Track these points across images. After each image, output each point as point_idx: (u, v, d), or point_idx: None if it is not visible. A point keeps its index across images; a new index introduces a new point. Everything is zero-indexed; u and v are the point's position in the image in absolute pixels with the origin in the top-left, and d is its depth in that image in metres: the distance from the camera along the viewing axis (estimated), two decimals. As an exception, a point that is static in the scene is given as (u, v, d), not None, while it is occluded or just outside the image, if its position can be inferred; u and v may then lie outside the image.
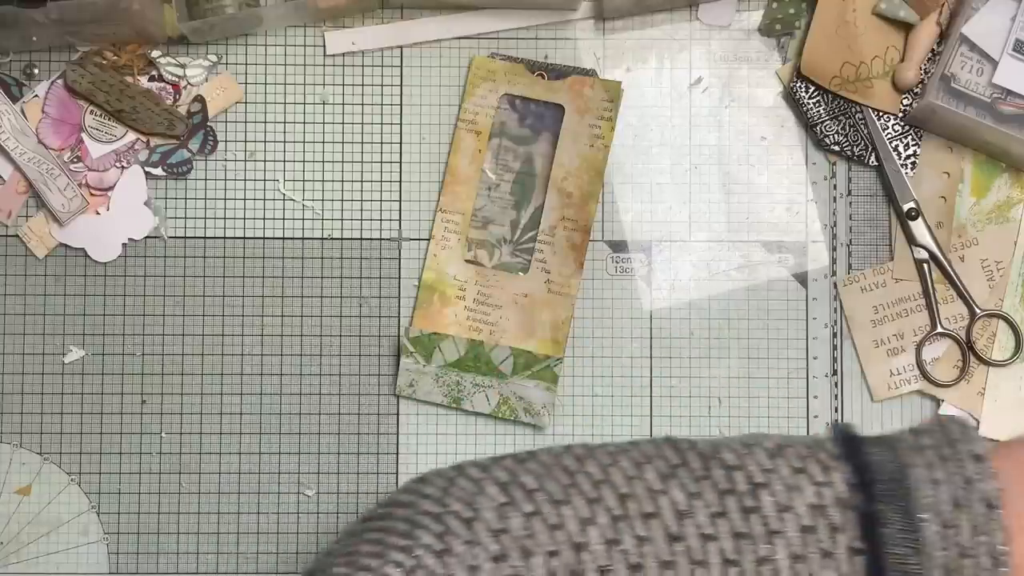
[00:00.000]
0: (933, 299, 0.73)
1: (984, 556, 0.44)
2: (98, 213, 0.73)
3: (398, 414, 0.74)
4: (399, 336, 0.74)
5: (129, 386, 0.73)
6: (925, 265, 0.74)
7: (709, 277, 0.74)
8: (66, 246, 0.74)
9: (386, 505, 0.49)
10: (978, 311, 0.73)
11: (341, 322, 0.74)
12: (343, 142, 0.75)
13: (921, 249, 0.74)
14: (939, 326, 0.73)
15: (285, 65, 0.75)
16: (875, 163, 0.74)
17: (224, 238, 0.74)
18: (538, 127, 0.74)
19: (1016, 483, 0.45)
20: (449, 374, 0.73)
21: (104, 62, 0.73)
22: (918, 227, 0.74)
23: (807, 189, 0.75)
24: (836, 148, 0.74)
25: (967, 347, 0.73)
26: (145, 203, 0.74)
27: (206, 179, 0.74)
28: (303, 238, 0.74)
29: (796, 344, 0.74)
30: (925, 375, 0.73)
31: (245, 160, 0.74)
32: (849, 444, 0.47)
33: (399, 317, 0.74)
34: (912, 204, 0.74)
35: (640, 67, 0.75)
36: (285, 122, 0.75)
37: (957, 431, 0.47)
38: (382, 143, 0.75)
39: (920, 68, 0.73)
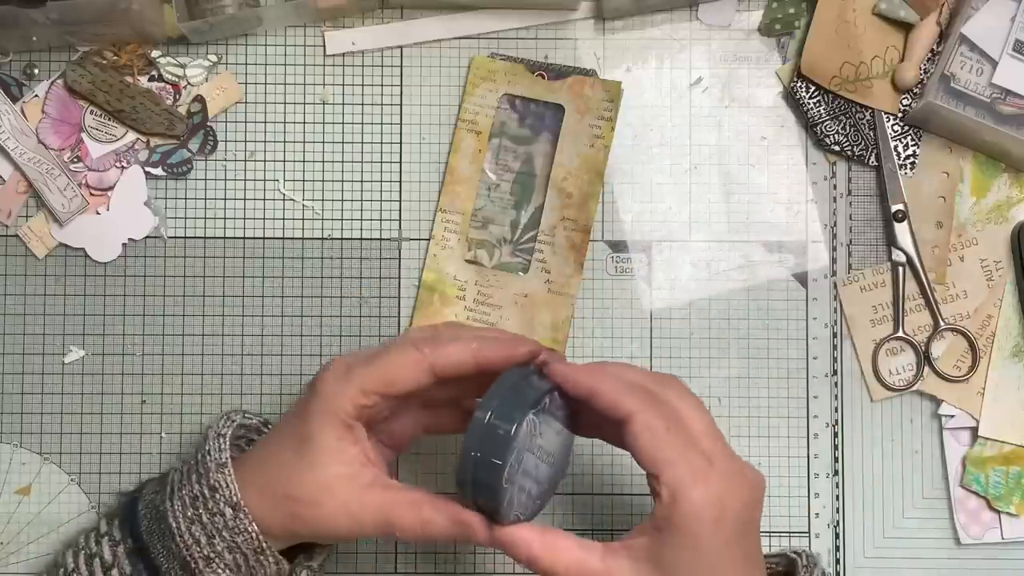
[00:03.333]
0: (901, 303, 0.74)
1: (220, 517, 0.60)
2: (98, 213, 0.73)
3: (398, 414, 0.74)
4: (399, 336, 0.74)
5: (129, 386, 0.73)
6: (901, 268, 0.74)
7: (709, 277, 0.74)
8: (66, 246, 0.73)
9: None
10: (941, 323, 0.73)
11: (341, 322, 0.74)
12: (343, 142, 0.75)
13: (900, 252, 0.74)
14: (901, 331, 0.73)
15: (285, 65, 0.75)
16: (875, 163, 0.74)
17: (224, 238, 0.74)
18: (538, 127, 0.74)
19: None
20: (449, 374, 0.73)
21: (104, 62, 0.73)
22: (902, 230, 0.74)
23: (807, 189, 0.75)
24: (836, 148, 0.74)
25: (923, 356, 0.73)
26: (145, 203, 0.74)
27: (206, 179, 0.74)
28: (303, 238, 0.74)
29: (796, 344, 0.74)
30: (876, 372, 0.73)
31: (245, 160, 0.74)
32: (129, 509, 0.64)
33: (399, 317, 0.74)
34: (900, 206, 0.74)
35: (640, 67, 0.75)
36: (285, 122, 0.75)
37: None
38: (382, 143, 0.75)
39: (920, 68, 0.73)
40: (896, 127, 0.74)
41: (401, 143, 0.75)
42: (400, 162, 0.75)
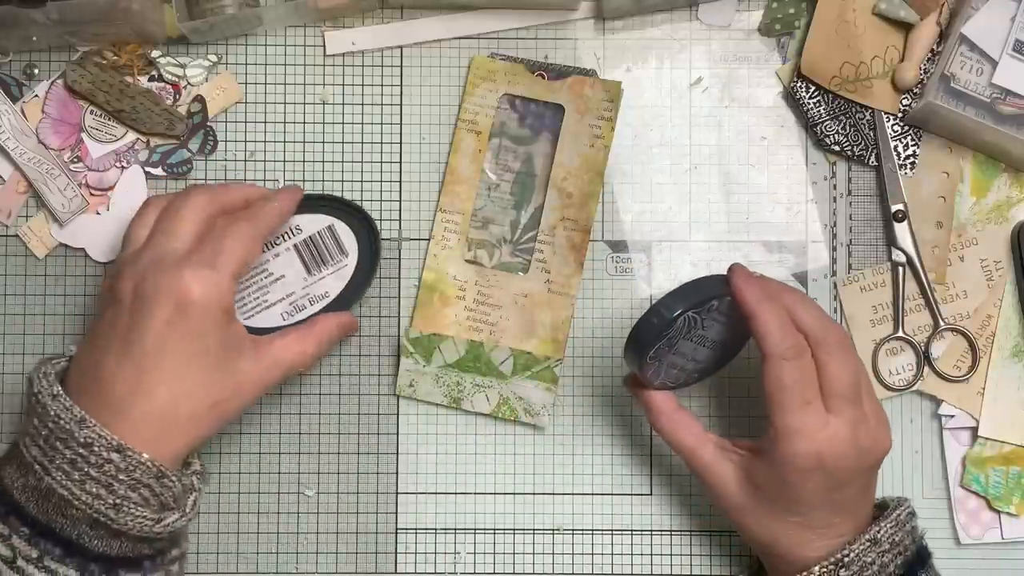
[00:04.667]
0: (901, 303, 0.74)
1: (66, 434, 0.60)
2: (98, 213, 0.73)
3: (398, 414, 0.74)
4: (399, 336, 0.74)
5: (129, 386, 0.73)
6: (901, 268, 0.74)
7: (709, 277, 0.74)
8: (66, 246, 0.73)
9: None
10: (941, 323, 0.73)
11: (341, 322, 0.74)
12: (343, 142, 0.75)
13: (900, 252, 0.74)
14: (901, 331, 0.73)
15: (285, 65, 0.75)
16: (875, 163, 0.74)
17: (224, 238, 0.74)
18: (538, 127, 0.74)
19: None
20: (449, 374, 0.73)
21: (104, 62, 0.73)
22: (902, 230, 0.74)
23: (807, 189, 0.75)
24: (836, 148, 0.74)
25: (923, 356, 0.73)
26: (145, 203, 0.74)
27: (206, 179, 0.74)
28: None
29: (796, 344, 0.74)
30: (876, 372, 0.73)
31: (245, 160, 0.74)
32: None
33: (399, 317, 0.74)
34: (900, 207, 0.74)
35: (640, 67, 0.75)
36: (285, 122, 0.75)
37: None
38: (382, 143, 0.75)
39: (920, 68, 0.73)
40: (896, 127, 0.74)
41: (401, 143, 0.75)
42: (400, 162, 0.75)
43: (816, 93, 0.74)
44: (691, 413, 0.68)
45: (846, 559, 0.62)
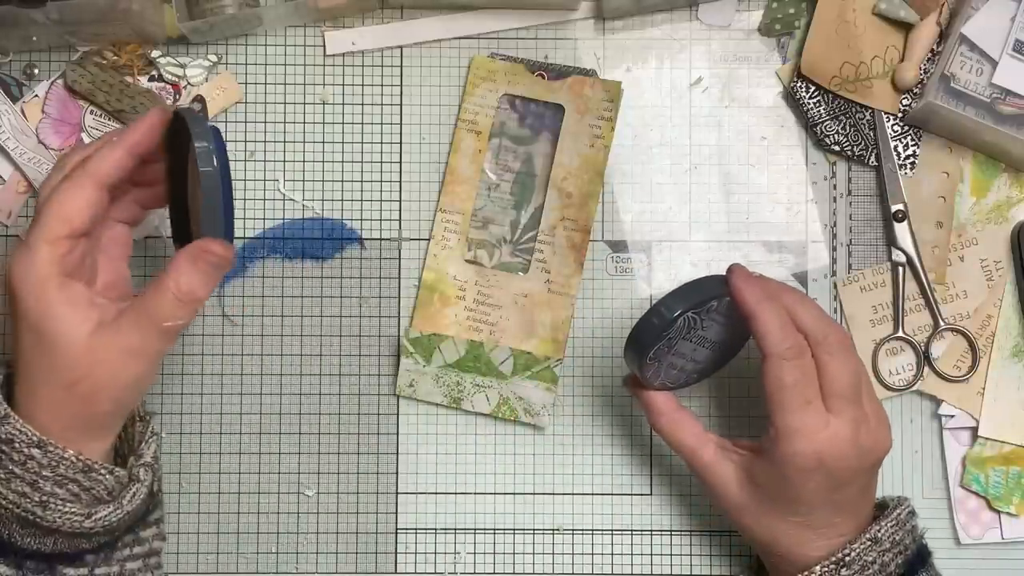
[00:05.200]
0: (901, 303, 0.74)
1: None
2: (98, 213, 0.73)
3: (398, 414, 0.74)
4: (399, 336, 0.74)
5: (129, 386, 0.73)
6: (901, 268, 0.74)
7: (709, 277, 0.74)
8: (66, 246, 0.73)
9: None
10: (941, 323, 0.73)
11: (341, 322, 0.74)
12: (343, 142, 0.75)
13: (900, 252, 0.74)
14: (901, 331, 0.73)
15: (285, 65, 0.75)
16: (875, 163, 0.74)
17: (224, 238, 0.74)
18: (538, 127, 0.74)
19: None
20: (449, 374, 0.73)
21: (104, 62, 0.73)
22: (902, 230, 0.74)
23: (807, 189, 0.75)
24: (836, 148, 0.74)
25: (923, 356, 0.73)
26: (145, 203, 0.74)
27: (206, 179, 0.74)
28: (303, 238, 0.74)
29: (796, 344, 0.74)
30: (876, 372, 0.73)
31: (245, 160, 0.74)
32: None
33: (399, 317, 0.74)
34: (900, 207, 0.74)
35: (640, 67, 0.75)
36: (285, 122, 0.75)
37: None
38: (382, 143, 0.75)
39: (920, 68, 0.73)
40: (896, 127, 0.74)
41: (401, 143, 0.75)
42: (400, 162, 0.75)
43: (816, 93, 0.74)
44: (691, 413, 0.68)
45: (847, 558, 0.62)
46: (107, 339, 0.58)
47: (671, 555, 0.74)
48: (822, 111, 0.74)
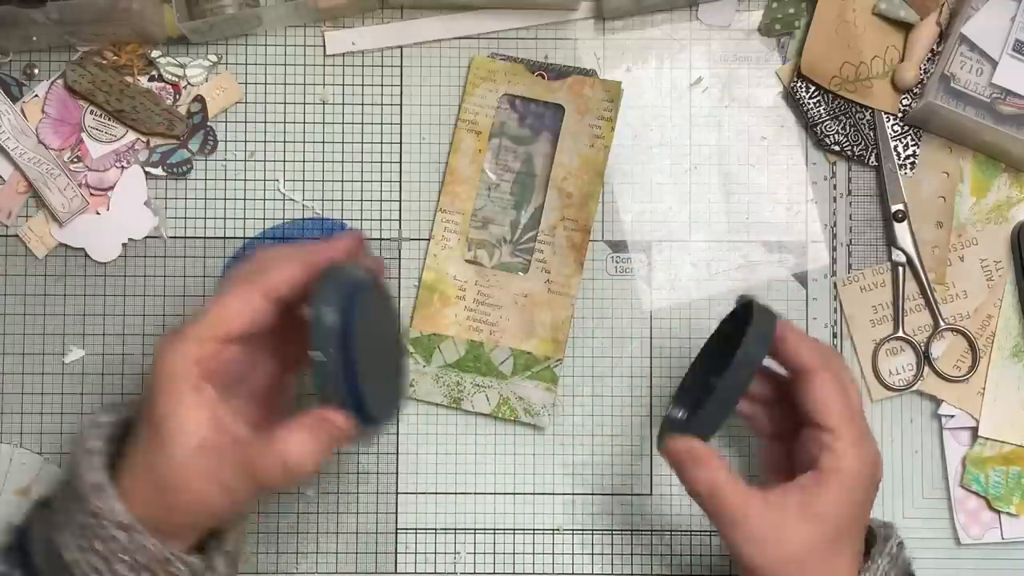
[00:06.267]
0: (901, 303, 0.74)
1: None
2: (98, 213, 0.73)
3: (398, 414, 0.74)
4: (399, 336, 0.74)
5: (129, 386, 0.73)
6: (901, 268, 0.74)
7: (709, 277, 0.74)
8: (66, 246, 0.73)
9: None
10: (941, 323, 0.73)
11: (341, 322, 0.74)
12: (343, 142, 0.75)
13: (900, 252, 0.74)
14: (901, 331, 0.73)
15: (285, 65, 0.75)
16: (875, 163, 0.74)
17: (224, 238, 0.74)
18: (538, 127, 0.74)
19: None
20: (449, 374, 0.73)
21: (104, 62, 0.73)
22: (902, 230, 0.74)
23: (807, 189, 0.75)
24: (836, 148, 0.74)
25: (923, 356, 0.73)
26: (145, 203, 0.74)
27: (206, 179, 0.74)
28: (303, 238, 0.74)
29: (796, 344, 0.74)
30: (876, 372, 0.73)
31: (245, 160, 0.74)
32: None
33: (399, 317, 0.74)
34: (900, 207, 0.74)
35: (640, 67, 0.75)
36: (285, 122, 0.75)
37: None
38: (382, 143, 0.75)
39: (920, 68, 0.73)
40: (896, 127, 0.74)
41: (401, 143, 0.75)
42: (400, 162, 0.75)
43: (816, 93, 0.74)
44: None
45: None
46: (204, 463, 0.55)
47: (671, 555, 0.74)
48: (822, 111, 0.74)
